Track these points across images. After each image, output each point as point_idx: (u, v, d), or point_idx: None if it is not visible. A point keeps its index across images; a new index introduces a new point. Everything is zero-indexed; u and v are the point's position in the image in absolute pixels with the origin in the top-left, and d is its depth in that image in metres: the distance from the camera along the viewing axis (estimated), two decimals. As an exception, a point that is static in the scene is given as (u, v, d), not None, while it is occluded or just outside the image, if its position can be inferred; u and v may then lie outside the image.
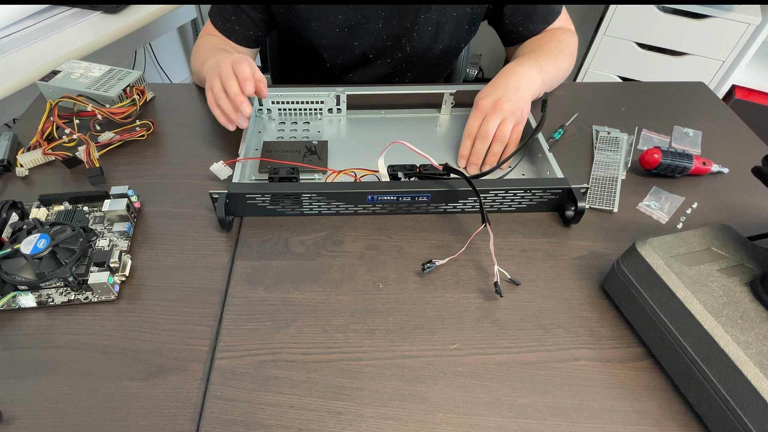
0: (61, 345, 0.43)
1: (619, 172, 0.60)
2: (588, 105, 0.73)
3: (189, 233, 0.53)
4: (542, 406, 0.40)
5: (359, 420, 0.39)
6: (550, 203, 0.55)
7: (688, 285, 0.39)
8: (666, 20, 1.42)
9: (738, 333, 0.36)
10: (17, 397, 0.40)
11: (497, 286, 0.46)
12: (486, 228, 0.48)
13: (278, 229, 0.54)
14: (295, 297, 0.47)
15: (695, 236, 0.43)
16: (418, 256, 0.51)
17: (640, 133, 0.68)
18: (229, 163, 0.57)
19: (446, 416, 0.39)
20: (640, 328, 0.44)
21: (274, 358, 0.43)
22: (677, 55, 1.49)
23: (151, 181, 0.59)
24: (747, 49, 1.41)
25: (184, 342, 0.44)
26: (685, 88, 0.78)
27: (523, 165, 0.61)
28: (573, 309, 0.47)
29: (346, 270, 0.50)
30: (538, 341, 0.44)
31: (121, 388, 0.40)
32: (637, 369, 0.43)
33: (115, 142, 0.62)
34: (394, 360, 0.43)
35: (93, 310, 0.46)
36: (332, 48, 0.74)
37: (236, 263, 0.50)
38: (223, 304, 0.47)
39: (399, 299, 0.47)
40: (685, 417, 0.40)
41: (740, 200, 0.59)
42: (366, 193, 0.52)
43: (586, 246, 0.53)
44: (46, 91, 0.68)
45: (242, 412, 0.39)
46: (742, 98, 1.50)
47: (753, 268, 0.41)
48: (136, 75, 0.70)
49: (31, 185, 0.58)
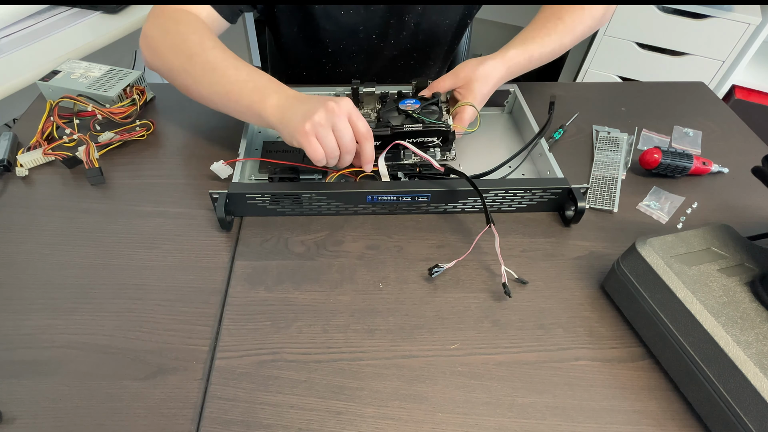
0: (61, 345, 0.43)
1: (619, 172, 0.60)
2: (588, 105, 0.73)
3: (189, 233, 0.53)
4: (542, 406, 0.40)
5: (359, 420, 0.39)
6: (550, 203, 0.55)
7: (688, 285, 0.39)
8: (666, 20, 1.42)
9: (738, 333, 0.36)
10: (17, 397, 0.40)
11: (506, 287, 0.46)
12: (491, 229, 0.48)
13: (278, 229, 0.54)
14: (295, 297, 0.47)
15: (695, 236, 0.43)
16: (418, 256, 0.51)
17: (640, 133, 0.68)
18: (229, 163, 0.57)
19: (446, 416, 0.39)
20: (640, 328, 0.44)
21: (274, 358, 0.43)
22: (677, 55, 1.49)
23: (151, 181, 0.59)
24: (747, 49, 1.40)
25: (184, 342, 0.44)
26: (685, 88, 0.78)
27: (523, 165, 0.61)
28: (573, 309, 0.47)
29: (346, 270, 0.50)
30: (538, 341, 0.44)
31: (121, 388, 0.40)
32: (637, 369, 0.43)
33: (115, 142, 0.62)
34: (394, 360, 0.43)
35: (93, 310, 0.46)
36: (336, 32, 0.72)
37: (236, 263, 0.50)
38: (223, 304, 0.47)
39: (399, 299, 0.47)
40: (685, 417, 0.40)
41: (740, 200, 0.59)
42: (366, 193, 0.52)
43: (586, 246, 0.53)
44: (46, 91, 0.68)
45: (242, 412, 0.39)
46: (742, 98, 1.50)
47: (753, 268, 0.41)
48: (136, 75, 0.70)
49: (31, 185, 0.58)
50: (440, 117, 0.57)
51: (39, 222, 0.54)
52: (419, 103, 0.58)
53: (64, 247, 0.51)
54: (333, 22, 0.70)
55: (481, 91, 0.58)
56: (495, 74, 0.58)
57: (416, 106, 0.57)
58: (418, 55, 0.79)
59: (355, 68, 0.79)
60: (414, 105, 0.57)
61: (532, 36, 0.61)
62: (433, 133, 0.56)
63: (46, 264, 0.50)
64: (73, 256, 0.50)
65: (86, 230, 0.53)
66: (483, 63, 0.58)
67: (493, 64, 0.58)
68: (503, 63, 0.59)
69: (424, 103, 0.58)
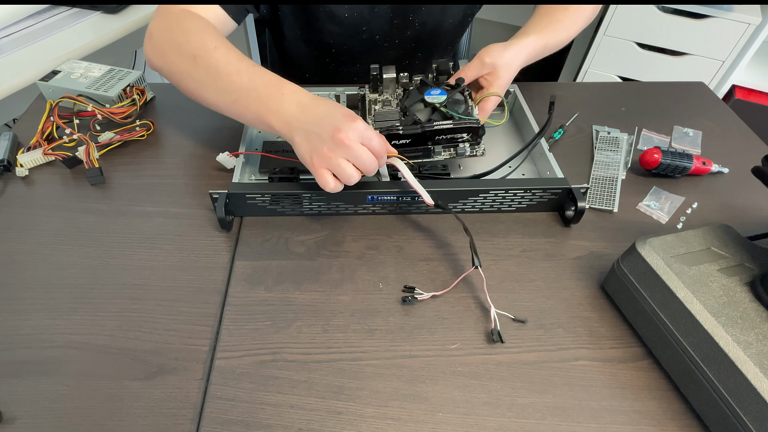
0: (61, 345, 0.43)
1: (619, 172, 0.60)
2: (588, 105, 0.73)
3: (189, 233, 0.53)
4: (542, 406, 0.40)
5: (359, 420, 0.39)
6: (550, 203, 0.55)
7: (688, 285, 0.39)
8: (666, 20, 1.42)
9: (738, 333, 0.36)
10: (17, 397, 0.40)
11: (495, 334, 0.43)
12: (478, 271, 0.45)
13: (278, 229, 0.54)
14: (295, 297, 0.47)
15: (695, 236, 0.43)
16: (418, 256, 0.51)
17: (640, 133, 0.68)
18: (234, 155, 0.57)
19: (446, 416, 0.39)
20: (640, 328, 0.44)
21: (274, 358, 0.43)
22: (677, 55, 1.49)
23: (151, 181, 0.59)
24: (747, 49, 1.41)
25: (184, 342, 0.44)
26: (685, 88, 0.78)
27: (523, 165, 0.61)
28: (573, 309, 0.47)
29: (346, 270, 0.50)
30: (538, 341, 0.44)
31: (121, 388, 0.40)
32: (637, 369, 0.43)
33: (115, 142, 0.62)
34: (394, 360, 0.43)
35: (93, 310, 0.46)
36: (341, 34, 0.72)
37: (236, 263, 0.50)
38: (223, 304, 0.47)
39: (399, 299, 0.47)
40: (685, 417, 0.40)
41: (740, 200, 0.59)
42: (366, 193, 0.52)
43: (586, 246, 0.53)
44: (46, 91, 0.68)
45: (242, 412, 0.39)
46: (742, 98, 1.50)
47: (753, 268, 0.41)
48: (136, 75, 0.70)
49: (31, 185, 0.58)
50: (467, 109, 0.54)
51: (39, 222, 0.54)
52: (445, 94, 0.53)
53: (64, 247, 0.51)
54: (337, 23, 0.70)
55: (506, 77, 0.57)
56: (517, 61, 0.58)
57: (443, 98, 0.53)
58: (422, 55, 0.79)
59: (358, 68, 0.79)
60: (440, 96, 0.53)
61: (546, 22, 0.61)
62: (463, 130, 0.53)
63: (46, 264, 0.50)
64: (73, 256, 0.50)
65: (86, 230, 0.53)
66: (507, 49, 0.57)
67: (517, 50, 0.58)
68: (524, 48, 0.58)
69: (450, 92, 0.54)
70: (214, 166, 0.60)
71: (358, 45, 0.74)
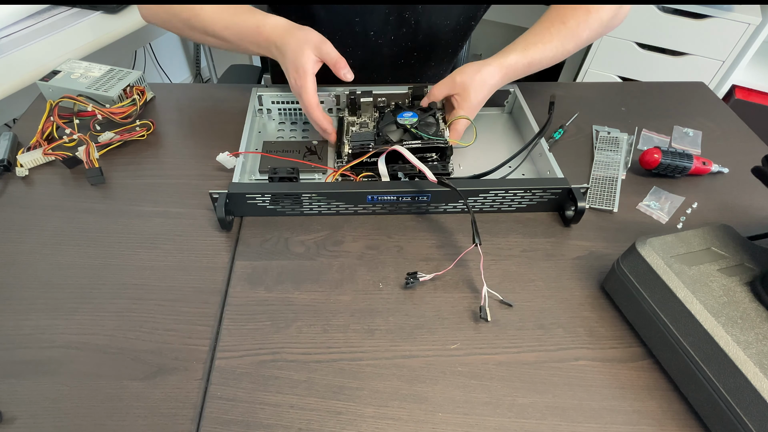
0: (61, 345, 0.43)
1: (619, 172, 0.60)
2: (588, 105, 0.73)
3: (189, 233, 0.53)
4: (542, 406, 0.40)
5: (359, 420, 0.39)
6: (550, 203, 0.55)
7: (688, 285, 0.39)
8: (666, 20, 1.42)
9: (738, 333, 0.36)
10: (17, 397, 0.40)
11: (482, 310, 0.45)
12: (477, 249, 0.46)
13: (278, 229, 0.54)
14: (295, 297, 0.47)
15: (695, 236, 0.44)
16: (418, 256, 0.51)
17: (640, 133, 0.68)
18: (234, 155, 0.57)
19: (446, 416, 0.39)
20: (640, 328, 0.44)
21: (274, 358, 0.43)
22: (677, 55, 1.49)
23: (151, 181, 0.59)
24: (747, 49, 1.40)
25: (184, 342, 0.44)
26: (685, 88, 0.78)
27: (523, 165, 0.61)
28: (573, 309, 0.47)
29: (346, 270, 0.50)
30: (538, 341, 0.44)
31: (121, 388, 0.40)
32: (637, 369, 0.43)
33: (115, 142, 0.62)
34: (394, 360, 0.43)
35: (93, 310, 0.46)
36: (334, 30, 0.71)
37: (236, 263, 0.50)
38: (223, 304, 0.47)
39: (399, 299, 0.47)
40: (685, 417, 0.40)
41: (740, 200, 0.59)
42: (366, 193, 0.52)
43: (586, 246, 0.53)
44: (46, 91, 0.68)
45: (242, 412, 0.39)
46: (742, 98, 1.50)
47: (753, 268, 0.41)
48: (136, 75, 0.70)
49: (31, 185, 0.58)
50: (438, 130, 0.57)
51: (39, 222, 0.54)
52: (417, 116, 0.58)
53: (64, 247, 0.51)
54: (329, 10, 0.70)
55: (477, 98, 0.58)
56: (491, 81, 0.58)
57: (414, 120, 0.57)
58: (418, 55, 0.79)
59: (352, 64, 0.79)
60: (412, 119, 0.57)
61: (534, 41, 0.60)
62: (431, 150, 0.57)
63: (46, 264, 0.50)
64: (73, 256, 0.50)
65: (86, 230, 0.53)
66: (481, 69, 0.57)
67: (491, 70, 0.58)
68: (501, 69, 0.58)
69: (422, 115, 0.58)
70: (214, 166, 0.60)
71: (351, 39, 0.74)
